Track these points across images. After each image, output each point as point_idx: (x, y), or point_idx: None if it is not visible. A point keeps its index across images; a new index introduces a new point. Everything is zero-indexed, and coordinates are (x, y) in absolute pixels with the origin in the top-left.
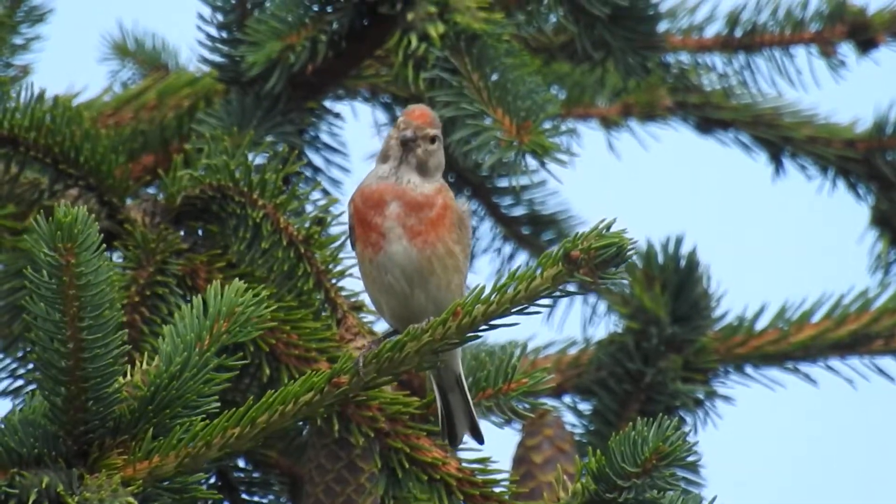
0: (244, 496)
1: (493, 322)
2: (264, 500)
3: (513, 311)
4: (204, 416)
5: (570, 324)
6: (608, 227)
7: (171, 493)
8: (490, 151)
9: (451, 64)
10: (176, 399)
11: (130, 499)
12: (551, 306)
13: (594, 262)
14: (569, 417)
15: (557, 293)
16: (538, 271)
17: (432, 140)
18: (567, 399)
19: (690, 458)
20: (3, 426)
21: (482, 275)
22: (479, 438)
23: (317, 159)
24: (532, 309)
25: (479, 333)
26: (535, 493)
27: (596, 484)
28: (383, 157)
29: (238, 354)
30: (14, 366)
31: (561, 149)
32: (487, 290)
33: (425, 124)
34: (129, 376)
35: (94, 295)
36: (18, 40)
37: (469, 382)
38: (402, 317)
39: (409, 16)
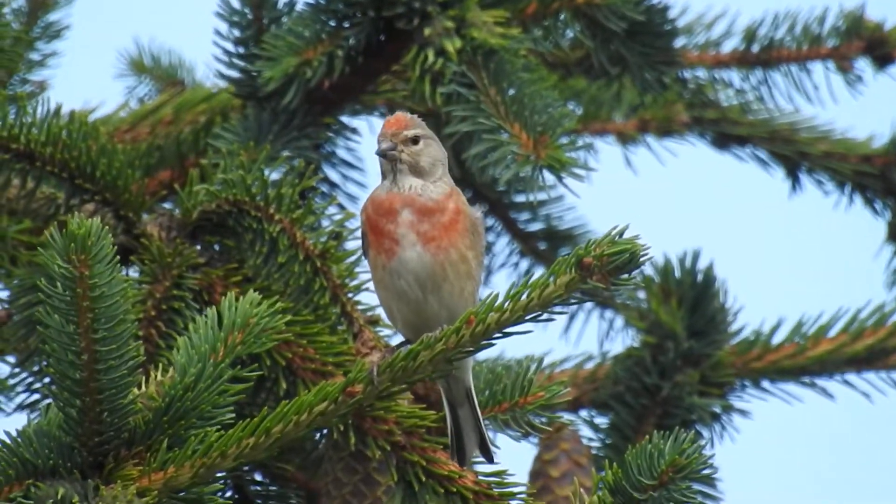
0: None
1: (506, 330)
2: None
3: (526, 318)
4: (219, 426)
5: (587, 339)
6: (621, 234)
7: (186, 503)
8: (507, 166)
9: (468, 79)
10: (191, 410)
11: None
12: (565, 314)
13: (607, 269)
14: (585, 431)
15: (572, 300)
16: (551, 279)
17: (414, 140)
18: (584, 413)
19: (706, 472)
20: (18, 438)
21: (499, 291)
22: (488, 456)
23: (333, 175)
24: (545, 316)
25: (493, 341)
26: None
27: (613, 497)
28: (382, 174)
29: (253, 366)
30: (30, 380)
31: (578, 163)
32: (501, 298)
33: (400, 129)
34: (143, 388)
35: (107, 306)
36: (35, 56)
37: (485, 396)
38: (415, 324)
39: (427, 31)
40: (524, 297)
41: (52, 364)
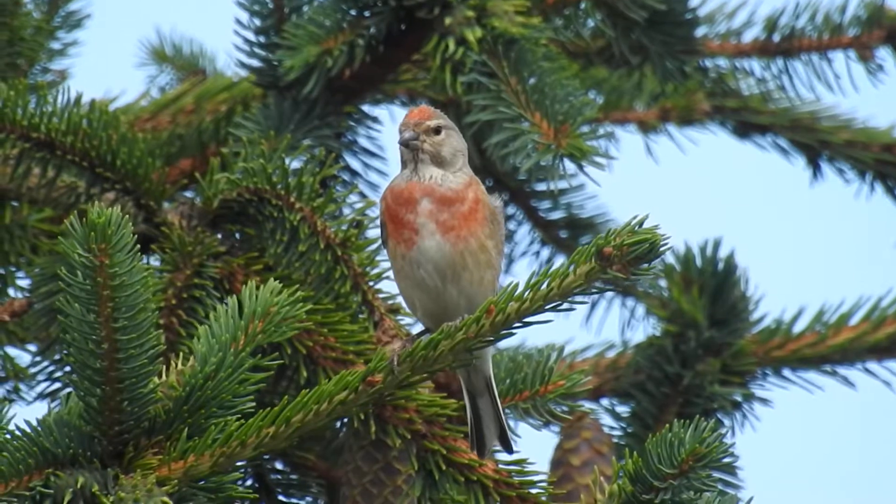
0: (281, 498)
1: (526, 319)
2: (301, 503)
3: (546, 308)
4: (239, 416)
5: (608, 328)
6: (640, 224)
7: (206, 492)
8: (528, 155)
9: (488, 68)
10: (211, 399)
11: (166, 498)
12: (585, 303)
13: (627, 258)
14: (607, 420)
15: (592, 290)
16: (571, 268)
17: (436, 130)
18: (605, 402)
19: (727, 460)
20: (38, 427)
21: (520, 279)
22: (507, 447)
23: (355, 163)
24: (566, 306)
25: (513, 331)
26: (573, 496)
27: (633, 485)
28: (403, 163)
29: (273, 354)
30: (51, 369)
31: (599, 152)
32: (521, 288)
33: (422, 119)
34: (164, 377)
35: (128, 296)
36: (56, 45)
37: (506, 385)
38: (435, 313)
39: (447, 20)
40: (544, 286)
41: (72, 353)
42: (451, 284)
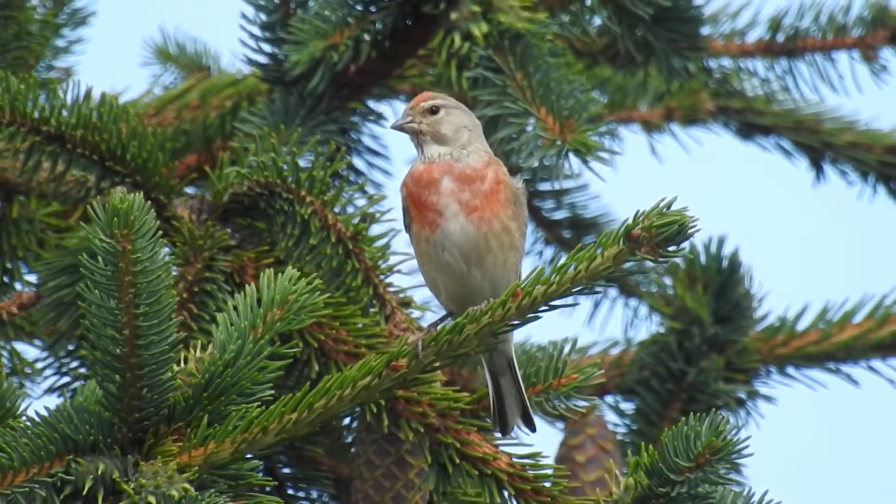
0: (290, 491)
1: (553, 303)
2: (310, 495)
3: (573, 291)
4: (258, 403)
5: (612, 325)
6: (669, 206)
7: (226, 479)
8: (533, 151)
9: (494, 63)
10: (231, 386)
11: (187, 485)
12: (612, 285)
13: (656, 241)
14: (611, 417)
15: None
16: (599, 251)
17: (432, 111)
18: (609, 399)
19: (744, 454)
20: (58, 414)
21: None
22: (531, 426)
23: (359, 163)
24: (595, 288)
25: (540, 314)
26: (578, 493)
27: (649, 478)
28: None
29: (292, 342)
30: (59, 363)
31: (604, 147)
32: (547, 271)
33: (419, 100)
34: (183, 364)
35: (150, 281)
36: (61, 43)
37: (520, 373)
38: (459, 296)
39: (453, 15)
40: (571, 269)
41: (92, 340)
42: (475, 267)
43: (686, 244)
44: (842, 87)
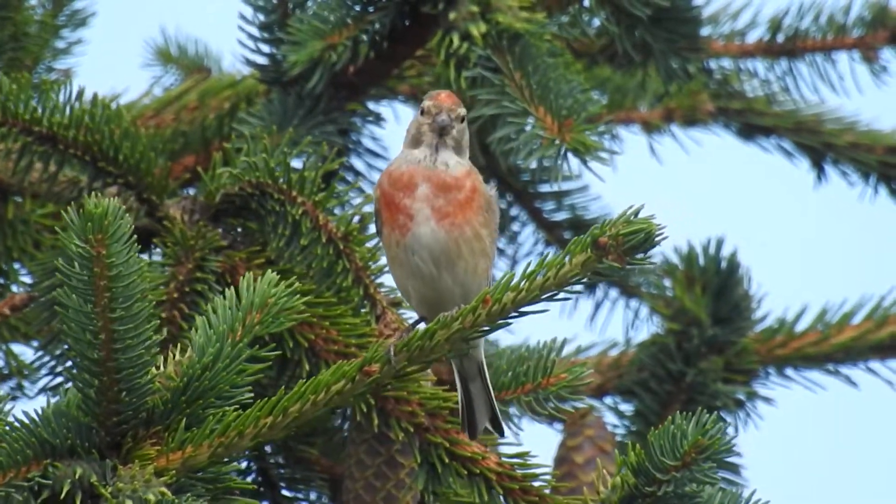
0: (285, 492)
1: (523, 309)
2: (305, 497)
3: (542, 297)
4: (237, 406)
5: (612, 327)
6: (636, 214)
7: (204, 483)
8: (531, 150)
9: (493, 63)
10: (209, 390)
11: (164, 489)
12: (581, 293)
13: (622, 248)
14: (610, 418)
15: (587, 280)
16: (567, 258)
17: (462, 119)
18: (608, 400)
19: (732, 457)
20: (36, 418)
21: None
22: (499, 430)
23: (358, 164)
24: (562, 295)
25: (510, 321)
26: (576, 493)
27: (635, 478)
28: (414, 142)
29: (271, 345)
30: (53, 363)
31: (603, 147)
32: (517, 278)
33: (455, 105)
34: (162, 367)
35: (125, 286)
36: (61, 44)
37: (508, 377)
38: (430, 300)
39: (452, 15)
40: (540, 276)
41: (70, 344)
42: (445, 272)
43: (652, 252)
44: (842, 87)
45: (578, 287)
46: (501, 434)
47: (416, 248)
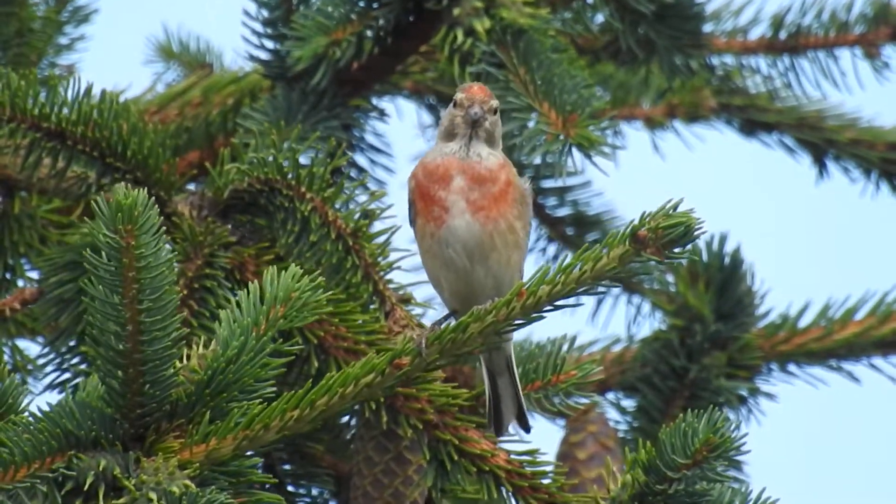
0: (290, 488)
1: (557, 302)
2: (310, 492)
3: (578, 291)
4: (261, 400)
5: (615, 323)
6: (675, 207)
7: (227, 476)
8: (536, 145)
9: (497, 58)
10: (233, 383)
11: (188, 481)
12: (618, 286)
13: (662, 242)
14: (612, 414)
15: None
16: (605, 251)
17: (494, 111)
18: (611, 396)
19: (741, 452)
20: (60, 409)
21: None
22: (525, 427)
23: (362, 160)
24: (599, 289)
25: (544, 314)
26: (579, 489)
27: (646, 475)
28: (448, 134)
29: (293, 340)
30: (60, 359)
31: (606, 142)
32: (552, 271)
33: (487, 97)
34: (185, 361)
35: (153, 277)
36: (63, 40)
37: (518, 373)
38: (462, 293)
39: (456, 11)
40: (576, 269)
41: (94, 335)
42: (478, 265)
43: (690, 245)
44: (844, 84)
45: (612, 283)
46: (528, 431)
47: (450, 241)
